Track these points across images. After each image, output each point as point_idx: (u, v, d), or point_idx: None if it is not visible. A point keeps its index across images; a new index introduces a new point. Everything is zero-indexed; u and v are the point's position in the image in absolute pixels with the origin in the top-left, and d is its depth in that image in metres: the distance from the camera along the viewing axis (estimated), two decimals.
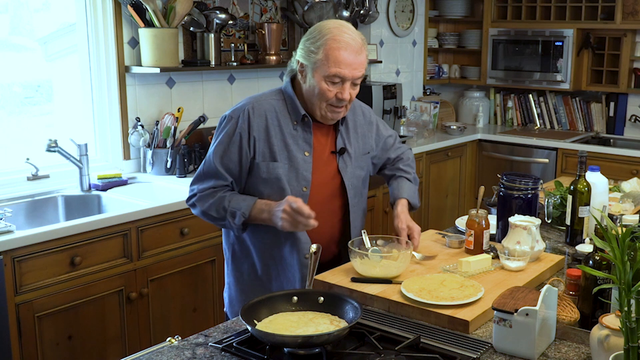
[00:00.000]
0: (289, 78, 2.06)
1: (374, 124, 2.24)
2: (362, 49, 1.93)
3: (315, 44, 1.91)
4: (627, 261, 1.26)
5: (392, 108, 4.39)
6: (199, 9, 3.56)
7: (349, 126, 2.13)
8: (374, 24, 4.77)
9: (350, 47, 1.89)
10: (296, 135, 2.01)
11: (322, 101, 1.95)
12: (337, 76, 1.90)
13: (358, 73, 1.92)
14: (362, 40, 1.95)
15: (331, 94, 1.93)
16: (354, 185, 2.12)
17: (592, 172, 2.37)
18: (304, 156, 2.01)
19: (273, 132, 1.99)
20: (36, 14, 3.39)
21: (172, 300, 2.98)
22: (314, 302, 1.69)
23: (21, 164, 3.08)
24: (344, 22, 1.97)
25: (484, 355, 1.54)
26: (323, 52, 1.89)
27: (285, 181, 1.98)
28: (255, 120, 1.99)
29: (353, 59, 1.90)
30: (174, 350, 1.58)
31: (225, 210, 1.97)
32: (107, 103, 3.39)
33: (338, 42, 1.89)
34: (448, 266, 2.02)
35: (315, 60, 1.91)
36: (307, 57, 1.94)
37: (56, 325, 2.58)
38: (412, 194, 2.23)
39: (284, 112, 2.02)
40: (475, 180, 5.09)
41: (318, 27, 1.95)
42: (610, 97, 5.02)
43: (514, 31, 5.14)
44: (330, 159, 2.07)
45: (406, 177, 2.27)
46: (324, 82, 1.92)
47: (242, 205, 1.96)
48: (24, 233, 2.48)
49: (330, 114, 1.98)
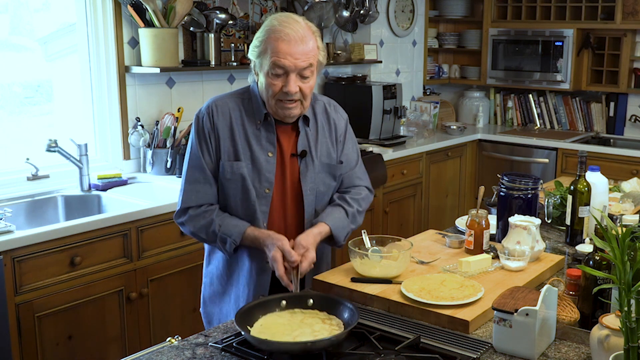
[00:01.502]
0: (253, 78, 2.00)
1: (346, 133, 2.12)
2: (306, 39, 1.84)
3: (258, 38, 1.88)
4: (627, 261, 1.26)
5: (392, 108, 4.39)
6: (199, 9, 3.56)
7: (318, 129, 2.03)
8: (374, 24, 4.77)
9: (289, 36, 1.82)
10: (259, 135, 1.95)
11: (270, 96, 1.88)
12: (277, 65, 1.82)
13: (301, 63, 1.83)
14: (308, 29, 1.86)
15: (276, 87, 1.86)
16: (314, 191, 2.00)
17: (592, 172, 2.37)
18: (267, 157, 1.95)
19: (237, 130, 1.95)
20: (36, 14, 3.39)
21: (172, 300, 2.98)
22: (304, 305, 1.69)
23: (21, 164, 3.08)
24: (288, 14, 1.91)
25: (484, 355, 1.54)
26: (264, 44, 1.85)
27: (249, 182, 1.93)
28: (219, 119, 1.95)
29: (293, 48, 1.82)
30: (174, 350, 1.58)
31: (215, 234, 1.93)
32: (107, 103, 3.39)
33: (277, 32, 1.83)
34: (448, 266, 2.02)
35: (258, 54, 1.87)
36: (252, 52, 1.90)
37: (56, 325, 2.58)
38: (339, 226, 1.99)
39: (249, 112, 1.97)
40: (475, 180, 5.09)
41: (264, 23, 1.91)
42: (610, 97, 5.02)
43: (514, 31, 5.14)
44: (293, 161, 1.99)
45: (345, 207, 2.03)
46: (268, 76, 1.86)
47: (232, 232, 1.91)
48: (24, 233, 2.48)
49: (281, 110, 1.90)
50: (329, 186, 2.05)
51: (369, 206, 2.17)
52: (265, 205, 1.96)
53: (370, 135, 4.32)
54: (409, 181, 4.43)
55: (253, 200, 1.94)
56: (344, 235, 2.02)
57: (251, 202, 1.94)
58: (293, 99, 1.88)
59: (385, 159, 4.05)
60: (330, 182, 2.05)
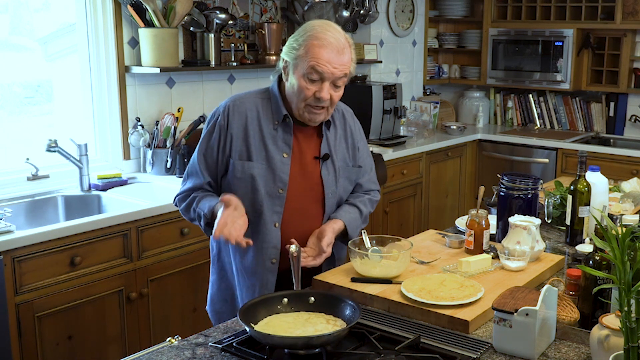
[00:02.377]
0: (276, 77, 2.02)
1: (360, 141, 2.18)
2: (345, 50, 1.88)
3: (297, 40, 1.89)
4: (627, 261, 1.26)
5: (392, 108, 4.39)
6: (199, 9, 3.56)
7: (337, 133, 2.08)
8: (374, 24, 4.77)
9: (332, 45, 1.85)
10: (276, 135, 1.97)
11: (301, 100, 1.90)
12: (315, 71, 1.85)
13: (338, 72, 1.87)
14: (346, 41, 1.90)
15: (309, 92, 1.88)
16: (335, 194, 2.06)
17: (592, 172, 2.37)
18: (282, 157, 1.97)
19: (252, 131, 1.96)
20: (36, 14, 3.39)
21: (172, 300, 2.98)
22: (306, 302, 1.69)
23: (21, 164, 3.08)
24: (330, 22, 1.93)
25: (484, 355, 1.54)
26: (304, 48, 1.86)
27: (260, 182, 1.95)
28: (234, 118, 1.96)
29: (333, 57, 1.85)
30: (174, 350, 1.58)
31: (194, 211, 1.98)
32: (107, 103, 3.39)
33: (319, 39, 1.85)
34: (448, 266, 2.02)
35: (296, 56, 1.88)
36: (289, 53, 1.91)
37: (56, 325, 2.58)
38: (354, 225, 2.07)
39: (267, 112, 1.98)
40: (475, 180, 5.09)
41: (304, 25, 1.94)
42: (610, 97, 5.02)
43: (514, 31, 5.15)
44: (314, 164, 2.02)
45: (361, 208, 2.12)
46: (303, 79, 1.87)
47: (205, 207, 1.94)
48: (24, 233, 2.48)
49: (308, 114, 1.93)
50: (347, 190, 2.12)
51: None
52: (280, 205, 1.97)
53: (370, 135, 4.32)
54: (409, 181, 4.43)
55: (261, 201, 1.95)
56: (356, 234, 2.10)
57: (259, 202, 1.95)
58: (322, 106, 1.91)
59: (385, 159, 4.05)
60: (348, 187, 2.12)
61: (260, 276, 2.00)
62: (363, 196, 2.17)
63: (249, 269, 2.01)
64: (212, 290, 2.17)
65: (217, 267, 2.14)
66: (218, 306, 2.15)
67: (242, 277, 2.05)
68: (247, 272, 2.02)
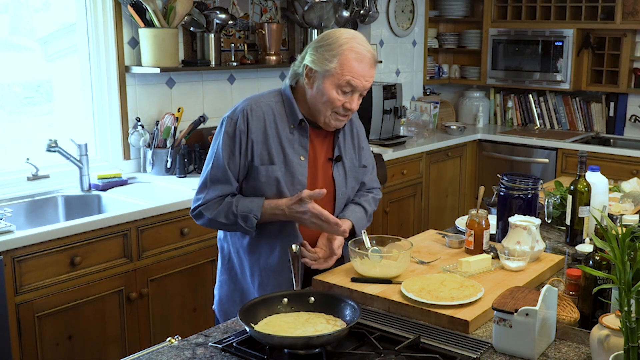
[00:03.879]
0: (290, 81, 2.04)
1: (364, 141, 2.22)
2: (375, 62, 1.95)
3: (330, 52, 1.90)
4: (627, 261, 1.26)
5: (392, 108, 4.39)
6: (199, 9, 3.56)
7: (346, 136, 2.12)
8: (374, 24, 4.77)
9: (366, 59, 1.91)
10: (292, 139, 1.99)
11: (329, 109, 1.94)
12: (350, 85, 1.90)
13: (368, 85, 1.94)
14: (375, 53, 1.98)
15: (339, 103, 1.93)
16: (344, 194, 2.10)
17: (592, 172, 2.37)
18: (300, 160, 1.99)
19: (271, 134, 1.97)
20: (36, 14, 3.39)
21: (172, 300, 2.98)
22: (305, 302, 1.69)
23: (21, 164, 3.08)
24: (358, 33, 1.97)
25: (484, 355, 1.54)
26: (339, 61, 1.89)
27: (284, 184, 1.97)
28: (253, 122, 1.97)
29: (367, 70, 1.91)
30: (174, 350, 1.58)
31: (234, 215, 1.95)
32: (107, 103, 3.39)
33: (356, 53, 1.89)
34: (448, 266, 2.02)
35: (329, 68, 1.90)
36: (320, 63, 1.92)
37: (56, 325, 2.58)
38: (361, 224, 2.11)
39: (282, 115, 2.00)
40: (475, 180, 5.09)
41: (333, 35, 1.94)
42: (610, 97, 5.02)
43: (514, 31, 5.15)
44: (326, 166, 2.07)
45: (366, 207, 2.16)
46: (335, 91, 1.91)
47: (252, 207, 1.94)
48: (24, 233, 2.48)
49: (334, 122, 1.98)
50: (355, 190, 2.17)
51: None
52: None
53: (370, 135, 4.32)
54: (409, 181, 4.43)
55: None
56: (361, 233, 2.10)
57: None
58: (347, 114, 1.97)
59: (385, 159, 4.05)
60: (355, 186, 2.16)
61: (286, 274, 1.99)
62: (367, 195, 2.20)
63: (275, 267, 2.03)
64: (222, 291, 2.17)
65: (227, 268, 2.14)
66: (226, 306, 2.15)
67: (266, 277, 2.04)
68: (272, 271, 2.03)
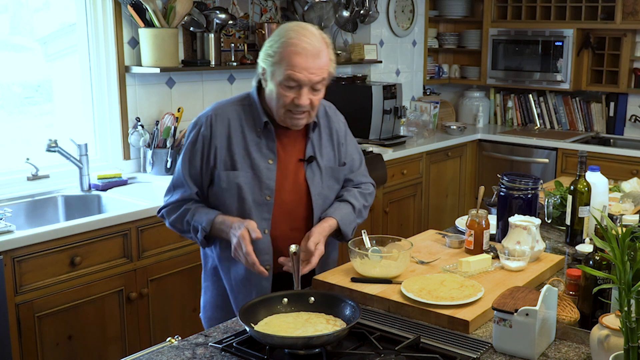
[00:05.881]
0: (255, 82, 1.99)
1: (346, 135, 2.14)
2: (322, 53, 1.84)
3: (272, 48, 1.85)
4: (627, 261, 1.26)
5: (392, 108, 4.39)
6: (199, 9, 3.56)
7: (322, 134, 2.05)
8: (374, 24, 4.77)
9: (307, 50, 1.81)
10: (260, 142, 1.94)
11: (280, 106, 1.88)
12: (291, 79, 1.82)
13: (316, 78, 1.83)
14: (323, 42, 1.86)
15: (287, 99, 1.85)
16: (322, 195, 2.02)
17: (592, 172, 2.37)
18: (268, 164, 1.94)
19: (235, 139, 1.94)
20: (36, 14, 3.40)
21: (172, 300, 2.98)
22: (305, 302, 1.69)
23: (21, 164, 3.08)
24: (305, 25, 1.89)
25: (484, 355, 1.54)
26: (279, 55, 1.83)
27: (247, 190, 1.92)
28: (217, 128, 1.94)
29: (310, 63, 1.81)
30: (174, 350, 1.58)
31: (188, 223, 1.95)
32: (107, 103, 3.39)
33: (294, 46, 1.81)
34: (448, 266, 2.02)
35: (272, 63, 1.85)
36: (265, 60, 1.88)
37: (56, 325, 2.58)
38: (347, 220, 2.02)
39: (249, 119, 1.96)
40: (475, 180, 5.09)
41: (277, 31, 1.89)
42: (610, 97, 5.02)
43: (514, 31, 5.14)
44: (298, 167, 1.99)
45: (352, 202, 2.06)
46: (280, 87, 1.85)
47: (203, 220, 1.92)
48: (24, 233, 2.48)
49: (289, 120, 1.90)
50: (334, 190, 2.08)
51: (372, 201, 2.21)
52: (267, 212, 1.95)
53: (370, 135, 4.32)
54: (409, 181, 4.43)
55: (249, 209, 1.93)
56: (351, 229, 2.05)
57: (247, 211, 1.93)
58: (302, 111, 1.88)
59: (385, 159, 4.05)
60: (335, 186, 2.07)
61: (255, 284, 1.98)
62: (352, 189, 2.11)
63: (243, 278, 1.99)
64: (205, 297, 2.16)
65: (210, 274, 2.12)
66: (210, 312, 2.13)
67: (237, 287, 2.02)
68: (241, 281, 2.00)
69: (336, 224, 1.99)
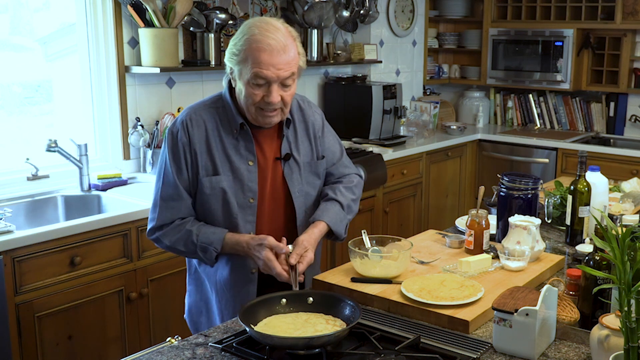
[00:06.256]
0: (226, 83, 1.93)
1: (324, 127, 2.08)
2: (288, 47, 1.78)
3: (236, 46, 1.81)
4: (627, 261, 1.26)
5: (392, 108, 4.39)
6: (199, 9, 3.56)
7: (297, 129, 1.99)
8: (374, 24, 4.77)
9: (271, 46, 1.76)
10: (238, 144, 1.90)
11: (250, 105, 1.83)
12: (259, 77, 1.77)
13: (284, 73, 1.78)
14: (289, 36, 1.80)
15: (257, 97, 1.80)
16: (303, 192, 1.98)
17: (592, 172, 2.37)
18: (248, 166, 1.89)
19: (214, 143, 1.89)
20: (36, 14, 3.40)
21: (172, 300, 2.98)
22: (304, 303, 1.69)
23: (21, 164, 3.08)
24: (268, 20, 1.83)
25: (484, 355, 1.54)
26: (244, 53, 1.78)
27: (230, 194, 1.88)
28: (194, 133, 1.88)
29: (276, 59, 1.76)
30: (174, 350, 1.58)
31: (194, 245, 1.87)
32: (107, 103, 3.39)
33: (257, 42, 1.76)
34: (448, 266, 2.02)
35: (238, 62, 1.80)
36: (230, 59, 1.84)
37: (56, 325, 2.58)
38: (337, 220, 1.98)
39: (225, 121, 1.90)
40: (475, 180, 5.09)
41: (242, 26, 1.84)
42: (610, 97, 5.02)
43: (514, 31, 5.14)
44: (276, 165, 1.95)
45: (339, 200, 2.01)
46: (249, 85, 1.80)
47: (212, 240, 1.86)
48: (24, 233, 2.48)
49: (261, 118, 1.85)
50: (315, 185, 2.03)
51: (362, 191, 2.16)
52: (252, 215, 1.91)
53: (370, 135, 4.32)
54: (409, 181, 4.43)
55: (235, 213, 1.90)
56: (343, 228, 2.02)
57: (233, 215, 1.90)
58: (274, 108, 1.83)
59: (385, 159, 4.05)
60: (315, 181, 2.03)
61: (240, 288, 1.95)
62: (336, 185, 2.05)
63: (228, 282, 1.96)
64: (190, 300, 2.12)
65: (194, 278, 2.09)
66: (195, 317, 2.10)
67: (222, 291, 1.99)
68: (226, 286, 1.97)
69: (326, 226, 1.95)
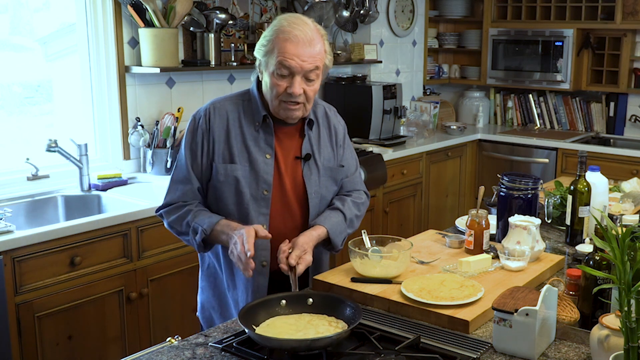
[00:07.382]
0: (254, 78, 1.99)
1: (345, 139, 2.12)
2: (315, 41, 1.83)
3: (265, 37, 1.86)
4: (627, 261, 1.26)
5: (392, 108, 4.39)
6: (199, 9, 3.56)
7: (321, 133, 2.04)
8: (374, 24, 4.77)
9: (298, 38, 1.81)
10: (258, 137, 1.94)
11: (274, 96, 1.87)
12: (283, 66, 1.81)
13: (308, 65, 1.82)
14: (317, 32, 1.85)
15: (280, 88, 1.84)
16: (318, 194, 2.00)
17: (592, 172, 2.37)
18: (265, 159, 1.93)
19: (233, 133, 1.94)
20: (36, 14, 3.40)
21: (172, 300, 2.98)
22: (304, 304, 1.69)
23: (21, 164, 3.08)
24: (299, 15, 1.90)
25: (484, 355, 1.54)
26: (271, 44, 1.83)
27: (244, 184, 1.92)
28: (215, 121, 1.94)
29: (301, 50, 1.81)
30: (174, 350, 1.58)
31: (188, 225, 1.92)
32: (107, 103, 3.39)
33: (285, 34, 1.82)
34: (448, 266, 2.02)
35: (265, 53, 1.86)
36: (259, 50, 1.88)
37: (56, 325, 2.58)
38: (337, 230, 1.98)
39: (248, 113, 1.96)
40: (475, 180, 5.09)
41: (274, 21, 1.91)
42: (610, 97, 5.02)
43: (514, 31, 5.14)
44: (296, 164, 1.98)
45: (344, 212, 2.02)
46: (273, 76, 1.85)
47: (204, 222, 1.89)
48: (24, 233, 2.48)
49: (283, 111, 1.89)
50: (331, 190, 2.05)
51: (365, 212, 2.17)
52: (265, 207, 1.94)
53: (370, 135, 4.32)
54: (409, 181, 4.43)
55: (247, 203, 1.92)
56: (341, 240, 2.01)
57: (244, 205, 1.92)
58: (296, 101, 1.87)
59: (385, 159, 4.05)
60: (332, 186, 2.05)
61: (252, 280, 1.96)
62: (346, 198, 2.08)
63: (241, 274, 1.97)
64: (203, 297, 2.15)
65: (207, 274, 2.11)
66: (208, 313, 2.12)
67: (234, 283, 2.01)
68: (238, 278, 1.99)
69: (326, 233, 1.95)
